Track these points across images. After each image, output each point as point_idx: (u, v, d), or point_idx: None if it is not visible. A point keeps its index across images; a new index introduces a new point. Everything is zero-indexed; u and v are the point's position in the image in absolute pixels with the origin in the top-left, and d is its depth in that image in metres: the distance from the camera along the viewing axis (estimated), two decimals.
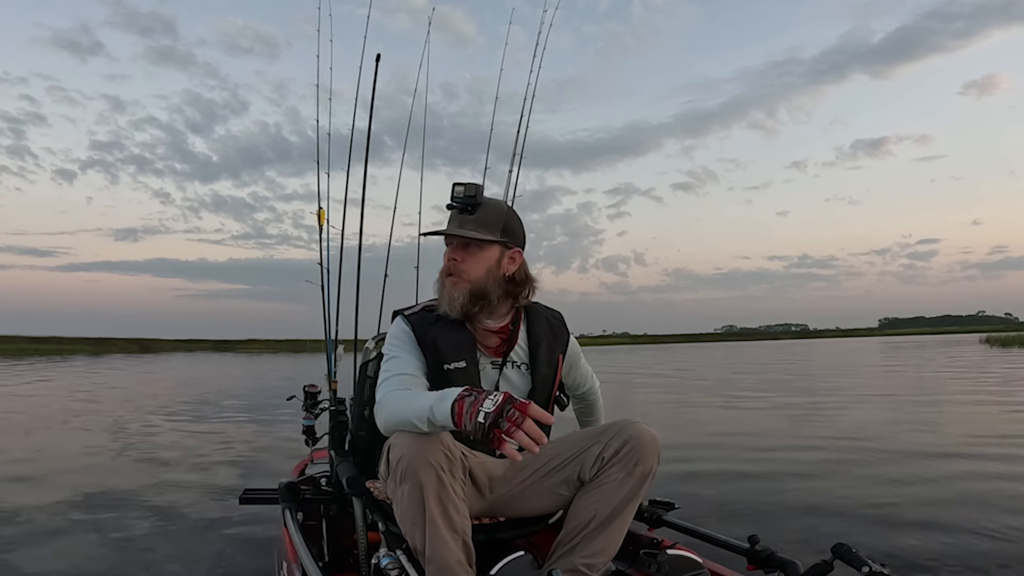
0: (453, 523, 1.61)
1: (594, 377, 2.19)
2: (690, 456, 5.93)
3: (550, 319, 2.01)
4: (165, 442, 7.07)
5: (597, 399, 2.22)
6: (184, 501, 4.21)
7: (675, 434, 7.52)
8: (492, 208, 1.86)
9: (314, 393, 2.65)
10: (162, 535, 3.46)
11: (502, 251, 1.86)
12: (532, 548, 1.95)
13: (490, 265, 1.83)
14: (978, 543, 3.39)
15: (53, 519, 3.89)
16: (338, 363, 2.61)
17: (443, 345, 1.81)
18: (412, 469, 1.57)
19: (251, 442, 7.17)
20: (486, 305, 1.83)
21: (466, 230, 1.81)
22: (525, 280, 1.90)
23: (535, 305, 1.99)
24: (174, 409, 10.68)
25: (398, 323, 1.90)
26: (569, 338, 2.06)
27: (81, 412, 10.45)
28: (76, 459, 6.04)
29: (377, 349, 2.20)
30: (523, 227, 1.93)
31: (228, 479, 4.89)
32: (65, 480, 5.25)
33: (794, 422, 8.28)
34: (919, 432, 7.67)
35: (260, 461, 5.67)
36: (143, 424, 8.86)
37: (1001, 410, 9.73)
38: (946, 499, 4.44)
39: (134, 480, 4.94)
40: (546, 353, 1.94)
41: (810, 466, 5.62)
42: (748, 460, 5.84)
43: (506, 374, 1.90)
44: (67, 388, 15.56)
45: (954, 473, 5.37)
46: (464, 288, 1.81)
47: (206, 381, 17.01)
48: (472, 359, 1.84)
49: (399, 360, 1.79)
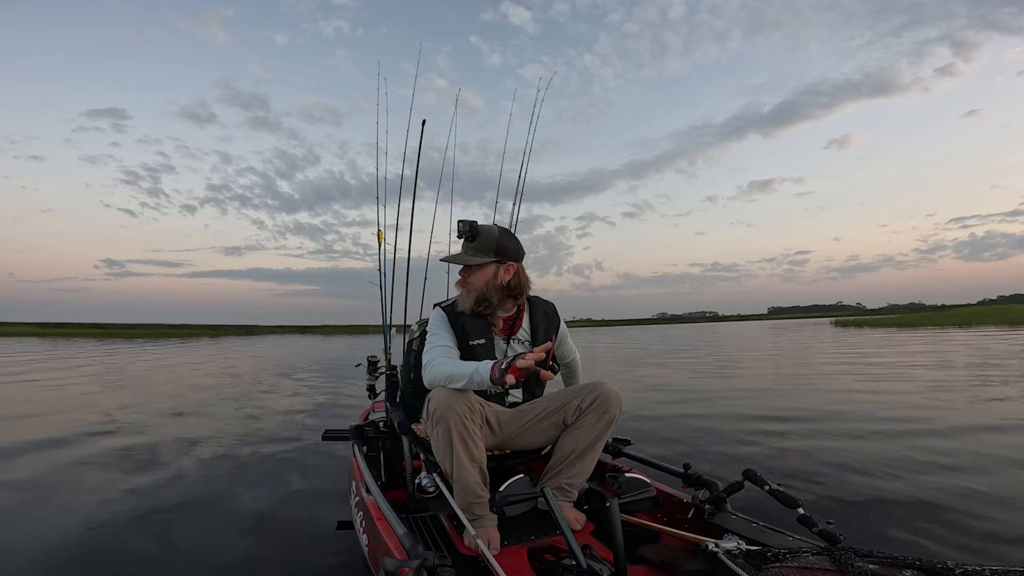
0: (472, 454, 1.62)
1: (576, 351, 2.17)
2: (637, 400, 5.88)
3: (546, 309, 1.98)
4: (276, 394, 7.03)
5: (578, 367, 2.19)
6: (288, 436, 4.19)
7: (628, 385, 7.54)
8: (486, 235, 1.81)
9: (374, 361, 2.63)
10: (272, 459, 3.46)
11: (497, 267, 1.81)
12: (530, 472, 1.95)
13: (488, 279, 1.80)
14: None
15: (217, 439, 3.97)
16: (391, 340, 2.60)
17: (468, 327, 1.81)
18: (443, 415, 1.58)
19: (331, 393, 7.15)
20: (489, 306, 1.81)
21: (467, 256, 1.81)
22: (520, 284, 1.85)
23: (534, 299, 1.96)
24: (284, 372, 10.57)
25: (437, 311, 1.89)
26: (560, 322, 2.02)
27: (226, 373, 10.47)
28: (226, 405, 6.00)
29: (420, 330, 2.21)
30: (518, 244, 1.85)
31: (315, 421, 4.86)
32: (219, 414, 5.36)
33: (700, 375, 8.30)
34: (778, 374, 8.13)
35: (334, 408, 5.64)
36: (265, 381, 8.85)
37: (821, 357, 11.57)
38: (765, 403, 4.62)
39: (258, 422, 4.91)
40: (543, 333, 1.92)
41: (700, 401, 5.57)
42: (671, 401, 5.74)
43: (513, 348, 1.88)
44: (208, 358, 15.51)
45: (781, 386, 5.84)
46: (471, 296, 1.81)
47: (301, 355, 16.95)
48: (489, 337, 1.83)
49: (439, 336, 1.79)
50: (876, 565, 1.20)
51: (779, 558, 1.29)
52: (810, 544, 1.37)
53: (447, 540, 1.68)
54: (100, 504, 2.62)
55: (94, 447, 3.86)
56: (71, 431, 4.43)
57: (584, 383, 1.84)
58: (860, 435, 3.81)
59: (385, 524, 1.51)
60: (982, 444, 3.46)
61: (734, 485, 1.66)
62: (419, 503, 1.92)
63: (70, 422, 4.85)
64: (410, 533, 1.32)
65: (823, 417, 4.57)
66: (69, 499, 2.73)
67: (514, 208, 2.81)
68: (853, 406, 5.07)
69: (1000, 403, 4.91)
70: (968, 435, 3.72)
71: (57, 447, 3.87)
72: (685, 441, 3.82)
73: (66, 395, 7.06)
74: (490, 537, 1.59)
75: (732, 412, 4.96)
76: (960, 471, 2.90)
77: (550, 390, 1.95)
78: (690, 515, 1.73)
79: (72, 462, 3.43)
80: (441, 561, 1.12)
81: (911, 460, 3.14)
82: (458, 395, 1.60)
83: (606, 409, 1.73)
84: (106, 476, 3.12)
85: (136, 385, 8.29)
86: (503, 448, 1.90)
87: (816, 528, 1.40)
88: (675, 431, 4.16)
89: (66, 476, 3.13)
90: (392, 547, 1.38)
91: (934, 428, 3.98)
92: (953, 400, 5.18)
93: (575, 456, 1.75)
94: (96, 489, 2.87)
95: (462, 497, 1.62)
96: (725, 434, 4.00)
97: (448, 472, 1.63)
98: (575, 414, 1.77)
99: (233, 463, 3.37)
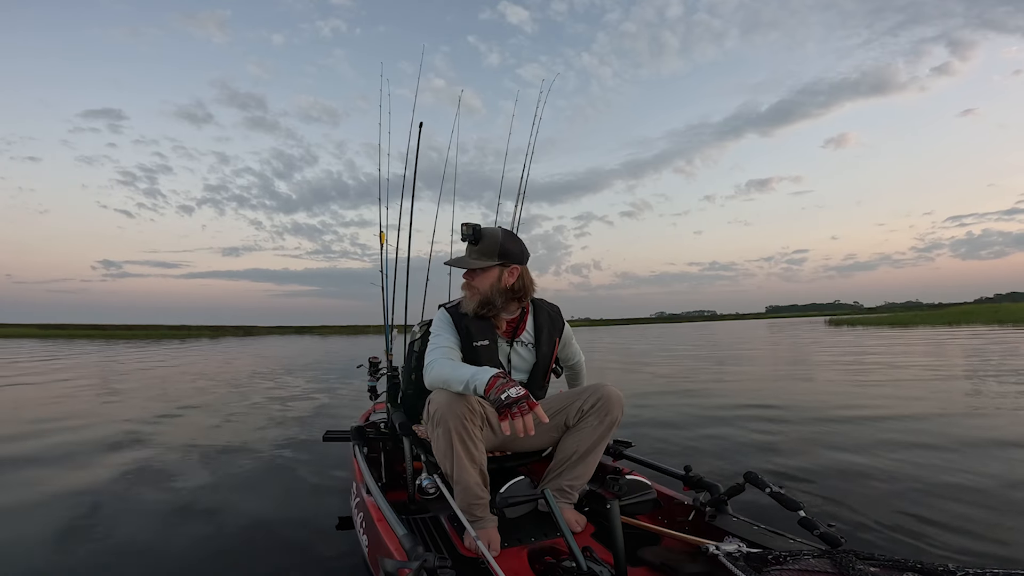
0: (473, 456, 1.60)
1: (581, 353, 2.16)
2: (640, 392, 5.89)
3: (550, 312, 1.96)
4: (276, 396, 6.99)
5: (582, 370, 2.17)
6: (287, 438, 4.17)
7: (629, 382, 7.60)
8: (489, 238, 1.78)
9: (376, 362, 2.62)
10: (273, 462, 3.42)
11: (501, 270, 1.78)
12: (531, 474, 1.94)
13: (492, 282, 1.78)
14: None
15: (221, 439, 3.91)
16: (393, 341, 2.59)
17: (472, 329, 1.79)
18: (444, 417, 1.57)
19: (332, 393, 7.12)
20: (492, 309, 1.79)
21: (471, 260, 1.78)
22: (524, 287, 1.83)
23: (539, 301, 1.95)
24: (282, 371, 10.54)
25: (441, 312, 1.88)
26: (564, 325, 2.01)
27: (223, 372, 10.50)
28: (225, 406, 5.98)
29: (422, 331, 2.19)
30: (521, 246, 1.81)
31: (314, 423, 4.84)
32: (221, 415, 5.34)
33: (698, 371, 8.33)
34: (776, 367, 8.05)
35: (334, 410, 5.62)
36: (263, 381, 8.80)
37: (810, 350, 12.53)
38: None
39: (258, 422, 4.91)
40: (547, 336, 1.91)
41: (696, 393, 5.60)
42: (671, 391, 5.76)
43: (516, 350, 1.87)
44: (208, 358, 15.48)
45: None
46: (476, 298, 1.79)
47: (299, 355, 16.90)
48: (493, 339, 1.81)
49: (442, 337, 1.77)
50: (877, 568, 1.19)
51: (780, 561, 1.29)
52: (811, 547, 1.37)
53: (447, 541, 1.67)
54: (100, 502, 2.61)
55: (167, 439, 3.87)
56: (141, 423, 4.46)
57: (586, 385, 1.84)
58: (799, 421, 4.39)
59: (385, 525, 1.50)
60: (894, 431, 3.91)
61: (735, 488, 1.66)
62: (419, 504, 1.91)
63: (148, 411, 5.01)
64: (410, 534, 1.31)
65: (789, 406, 5.11)
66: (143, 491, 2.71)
67: (516, 209, 2.81)
68: (813, 396, 5.70)
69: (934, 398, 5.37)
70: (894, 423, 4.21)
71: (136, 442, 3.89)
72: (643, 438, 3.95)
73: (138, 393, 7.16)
74: (490, 538, 1.58)
75: (688, 411, 5.09)
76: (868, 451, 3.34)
77: (552, 391, 1.95)
78: (691, 517, 1.72)
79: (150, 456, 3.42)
80: (441, 562, 1.11)
81: (825, 437, 3.77)
82: (458, 396, 1.59)
83: (608, 411, 1.73)
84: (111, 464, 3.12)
85: (173, 384, 8.48)
86: (504, 449, 1.89)
87: (817, 531, 1.40)
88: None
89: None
90: (392, 548, 1.37)
91: (860, 415, 4.53)
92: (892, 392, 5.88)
93: (576, 458, 1.75)
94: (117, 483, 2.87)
95: (462, 498, 1.61)
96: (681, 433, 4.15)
97: (448, 473, 1.62)
98: (577, 416, 1.76)
99: (233, 463, 3.36)
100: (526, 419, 1.38)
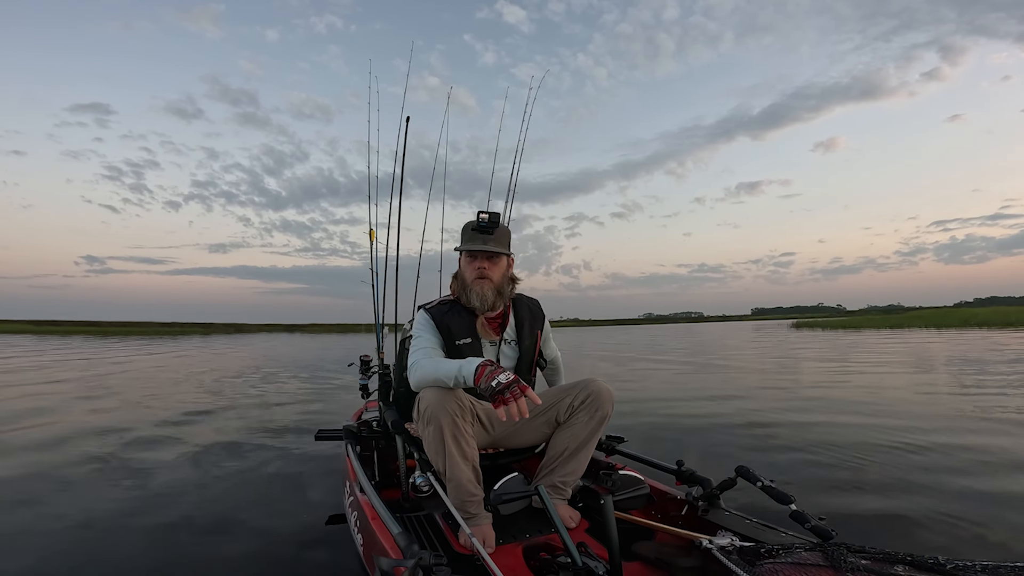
0: (465, 453, 1.59)
1: (557, 350, 2.16)
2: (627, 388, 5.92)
3: (530, 305, 1.96)
4: (270, 392, 6.94)
5: (559, 366, 2.16)
6: (280, 437, 4.11)
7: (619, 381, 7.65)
8: (503, 229, 1.84)
9: (367, 361, 2.60)
10: (267, 461, 3.37)
11: (509, 260, 1.86)
12: (523, 470, 1.93)
13: (504, 271, 1.83)
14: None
15: (219, 433, 3.86)
16: (384, 340, 2.57)
17: (454, 327, 1.79)
18: (435, 415, 1.56)
19: (323, 392, 7.05)
20: (501, 299, 1.82)
21: (491, 246, 1.79)
22: (512, 280, 1.88)
23: (518, 296, 1.95)
24: (274, 370, 10.44)
25: (421, 313, 1.87)
26: (544, 319, 2.01)
27: (223, 367, 10.61)
28: (221, 404, 5.90)
29: (412, 329, 2.18)
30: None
31: (307, 421, 4.78)
32: (224, 414, 5.24)
33: (686, 373, 8.40)
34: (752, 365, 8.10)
35: (326, 410, 5.56)
36: (256, 379, 8.75)
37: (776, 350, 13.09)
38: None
39: (251, 419, 4.86)
40: (528, 330, 1.91)
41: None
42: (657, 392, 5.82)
43: (499, 347, 1.86)
44: (210, 354, 15.34)
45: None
46: (492, 287, 1.79)
47: (290, 353, 16.76)
48: (475, 336, 1.80)
49: (423, 338, 1.77)
50: (868, 560, 1.20)
51: (772, 554, 1.29)
52: (803, 540, 1.37)
53: (442, 539, 1.65)
54: (95, 499, 2.55)
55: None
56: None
57: (576, 380, 1.83)
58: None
59: (380, 524, 1.48)
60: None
61: (727, 482, 1.65)
62: (413, 502, 1.88)
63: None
64: (405, 532, 1.29)
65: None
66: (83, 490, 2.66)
67: (506, 207, 2.79)
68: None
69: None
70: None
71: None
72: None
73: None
74: (485, 535, 1.57)
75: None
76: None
77: (539, 388, 1.93)
78: (684, 512, 1.72)
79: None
80: (436, 560, 1.10)
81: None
82: (448, 394, 1.57)
83: (598, 407, 1.72)
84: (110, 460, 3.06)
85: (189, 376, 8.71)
86: (496, 446, 1.88)
87: (809, 524, 1.40)
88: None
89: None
90: (387, 546, 1.35)
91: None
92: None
93: (568, 454, 1.74)
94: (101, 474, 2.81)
95: (456, 496, 1.59)
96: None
97: (441, 471, 1.61)
98: (567, 412, 1.75)
99: (232, 461, 3.31)
100: (519, 403, 1.39)
